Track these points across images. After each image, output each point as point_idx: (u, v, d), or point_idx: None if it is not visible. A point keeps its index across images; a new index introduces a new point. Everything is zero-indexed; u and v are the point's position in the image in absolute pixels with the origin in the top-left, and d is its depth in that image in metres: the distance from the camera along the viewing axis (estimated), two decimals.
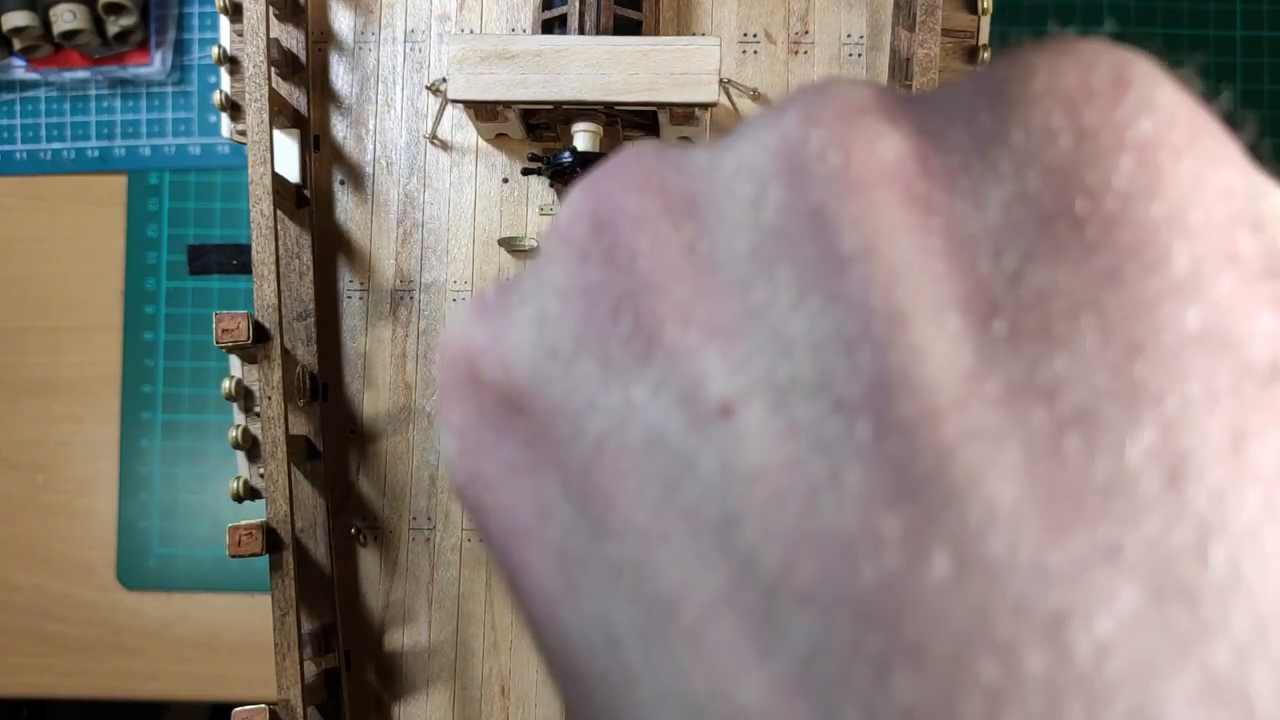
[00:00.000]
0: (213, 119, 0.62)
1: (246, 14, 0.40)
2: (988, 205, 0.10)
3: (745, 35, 0.45)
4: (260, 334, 0.39)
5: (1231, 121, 0.11)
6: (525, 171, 0.43)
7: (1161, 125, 0.10)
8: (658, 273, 0.11)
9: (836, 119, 0.11)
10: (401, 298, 0.45)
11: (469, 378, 0.13)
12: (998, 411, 0.09)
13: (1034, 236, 0.10)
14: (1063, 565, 0.08)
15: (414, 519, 0.44)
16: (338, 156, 0.46)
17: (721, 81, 0.40)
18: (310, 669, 0.40)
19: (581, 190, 0.12)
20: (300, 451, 0.42)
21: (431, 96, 0.45)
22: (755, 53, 0.45)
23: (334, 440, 0.44)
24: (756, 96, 0.45)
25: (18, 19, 0.58)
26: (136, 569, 0.60)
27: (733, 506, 0.10)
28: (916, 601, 0.09)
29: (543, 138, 0.45)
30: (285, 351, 0.40)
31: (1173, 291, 0.09)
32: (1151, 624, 0.08)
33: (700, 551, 0.10)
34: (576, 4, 0.42)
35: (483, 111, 0.41)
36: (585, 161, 0.40)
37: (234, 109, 0.43)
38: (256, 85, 0.40)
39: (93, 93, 0.62)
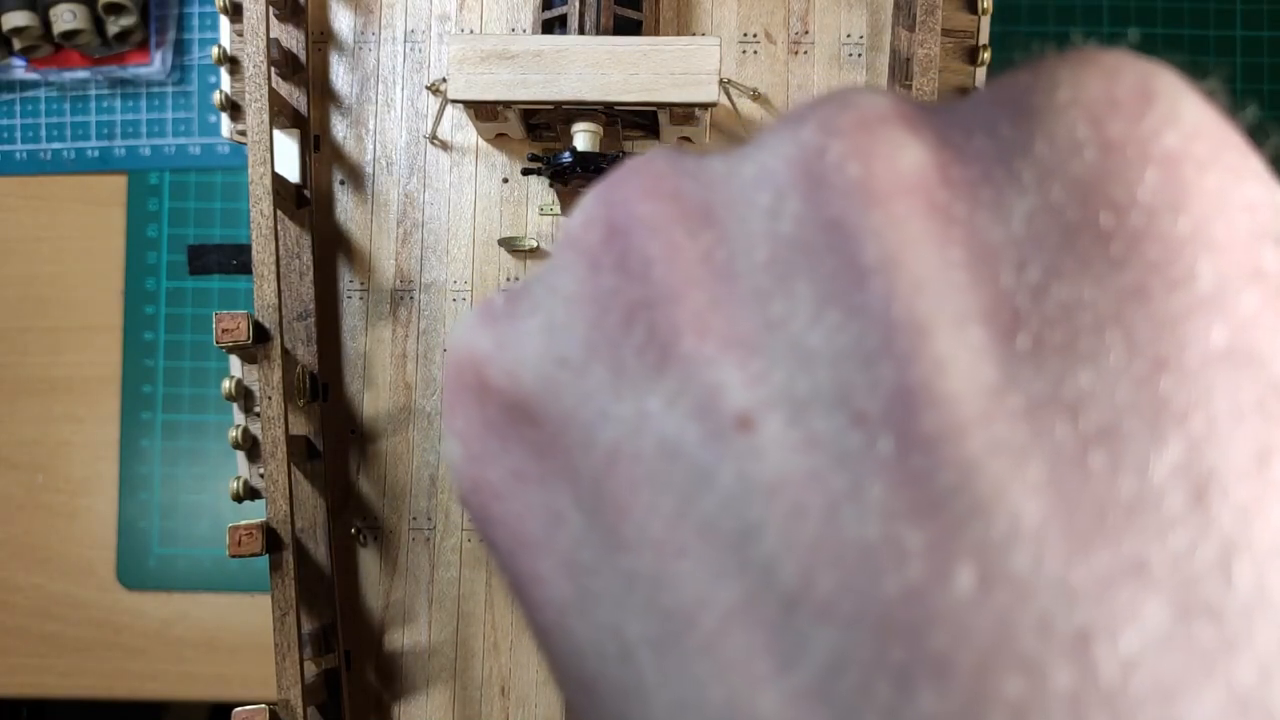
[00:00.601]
0: (213, 119, 0.62)
1: (246, 14, 0.40)
2: (1010, 217, 0.10)
3: (745, 35, 0.45)
4: (260, 334, 0.39)
5: (1255, 136, 0.11)
6: (525, 171, 0.43)
7: (1186, 138, 0.10)
8: (673, 281, 0.11)
9: (856, 129, 0.11)
10: (401, 298, 0.45)
11: (475, 385, 0.12)
12: (1022, 426, 0.09)
13: (1057, 249, 0.10)
14: (1088, 581, 0.08)
15: (414, 519, 0.44)
16: (338, 156, 0.46)
17: (721, 81, 0.39)
18: (310, 669, 0.40)
19: (593, 197, 0.12)
20: (300, 451, 0.42)
21: (431, 96, 0.45)
22: (755, 53, 0.45)
23: (334, 440, 0.44)
24: (756, 96, 0.45)
25: (18, 19, 0.58)
26: (136, 569, 0.60)
27: (751, 519, 0.10)
28: (940, 615, 0.09)
29: (543, 138, 0.45)
30: (285, 351, 0.40)
31: (1198, 308, 0.09)
32: (1176, 641, 0.08)
33: (717, 563, 0.10)
34: (576, 4, 0.42)
35: (483, 111, 0.41)
36: (585, 161, 0.40)
37: (234, 109, 0.43)
38: (256, 85, 0.40)
39: (93, 93, 0.62)
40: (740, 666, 0.09)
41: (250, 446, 0.41)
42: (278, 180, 0.41)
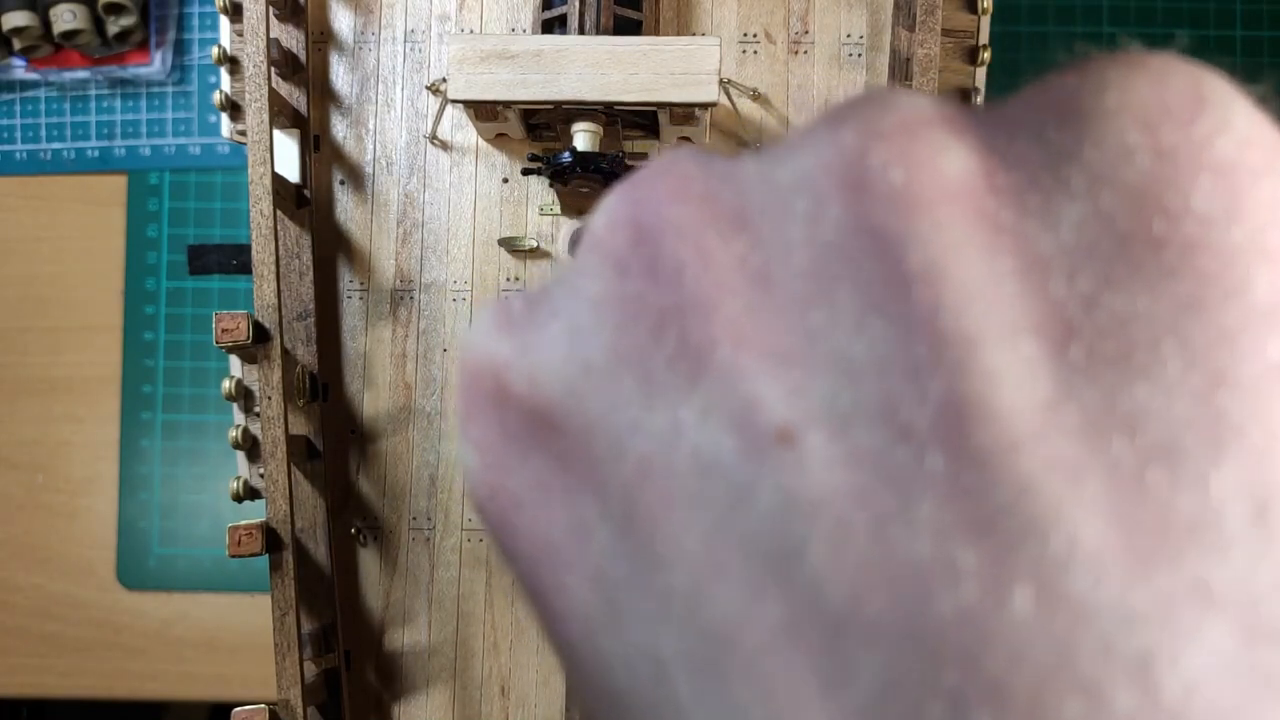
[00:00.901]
0: (213, 119, 0.62)
1: (246, 14, 0.40)
2: (1060, 224, 0.10)
3: (745, 35, 0.45)
4: (260, 334, 0.39)
5: None
6: (525, 171, 0.43)
7: (1240, 146, 0.10)
8: (706, 288, 0.11)
9: (898, 132, 0.10)
10: (401, 298, 0.45)
11: (493, 392, 0.12)
12: (1078, 442, 0.09)
13: (1109, 258, 0.09)
14: (1149, 602, 0.08)
15: (414, 519, 0.44)
16: (338, 156, 0.46)
17: (721, 81, 0.39)
18: (310, 669, 0.40)
19: (619, 198, 0.12)
20: (300, 451, 0.42)
21: (431, 96, 0.45)
22: (755, 53, 0.45)
23: (334, 440, 0.44)
24: (756, 96, 0.45)
25: (18, 19, 0.58)
26: (136, 569, 0.60)
27: (795, 537, 0.09)
28: (996, 637, 0.08)
29: (543, 138, 0.45)
30: (285, 351, 0.40)
31: (1254, 319, 0.09)
32: (1239, 663, 0.08)
33: (758, 582, 0.09)
34: (576, 4, 0.42)
35: (483, 111, 0.41)
36: (585, 161, 0.40)
37: (234, 109, 0.43)
38: (256, 85, 0.40)
39: (93, 93, 0.62)
40: (784, 689, 0.09)
41: (250, 446, 0.41)
42: (278, 180, 0.41)
